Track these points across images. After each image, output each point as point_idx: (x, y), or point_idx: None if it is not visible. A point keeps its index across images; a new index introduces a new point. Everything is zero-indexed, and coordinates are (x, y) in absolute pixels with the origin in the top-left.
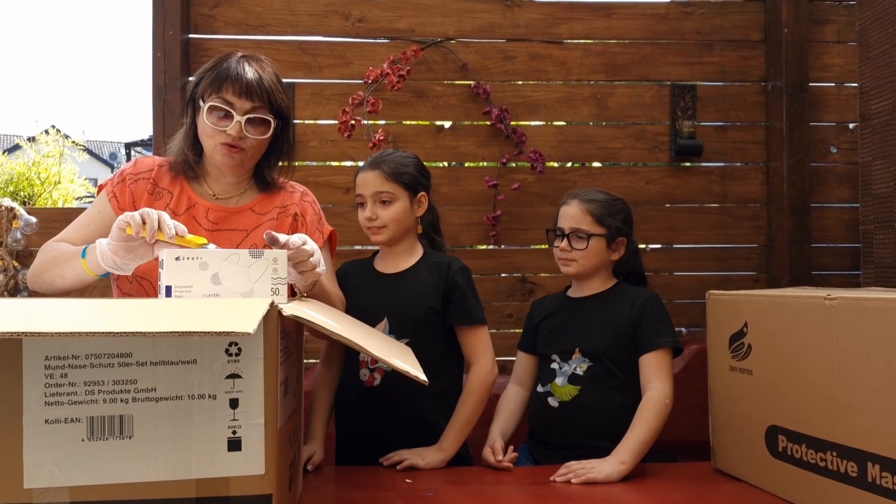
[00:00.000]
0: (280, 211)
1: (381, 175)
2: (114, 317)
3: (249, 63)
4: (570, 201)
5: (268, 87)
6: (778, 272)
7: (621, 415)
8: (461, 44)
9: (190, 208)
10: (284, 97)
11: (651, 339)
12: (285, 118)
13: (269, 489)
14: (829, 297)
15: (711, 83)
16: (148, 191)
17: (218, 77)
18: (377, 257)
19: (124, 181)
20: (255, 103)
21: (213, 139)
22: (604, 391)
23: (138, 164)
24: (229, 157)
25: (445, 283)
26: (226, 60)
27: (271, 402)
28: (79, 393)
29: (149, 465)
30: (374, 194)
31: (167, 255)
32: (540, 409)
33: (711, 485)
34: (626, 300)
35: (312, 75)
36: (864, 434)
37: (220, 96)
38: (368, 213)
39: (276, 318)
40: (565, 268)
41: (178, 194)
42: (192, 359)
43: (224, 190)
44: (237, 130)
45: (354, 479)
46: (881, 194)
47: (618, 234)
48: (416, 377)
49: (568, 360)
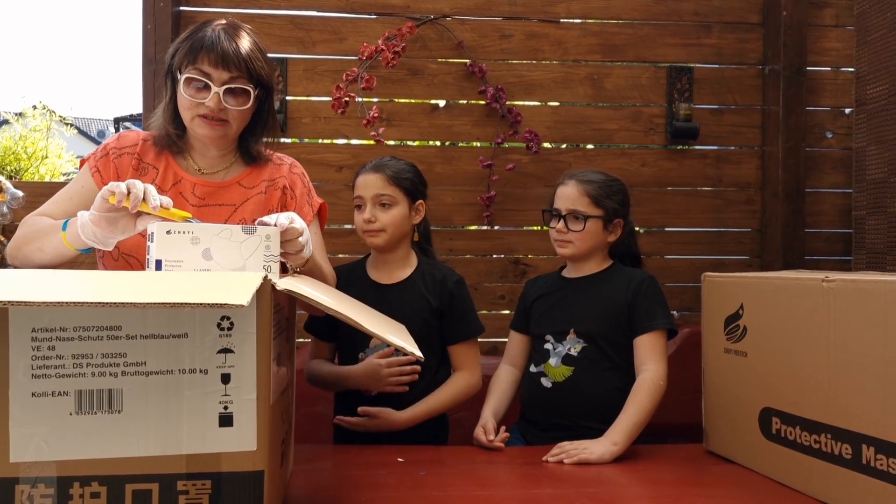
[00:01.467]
0: (268, 184)
1: (383, 178)
2: (103, 288)
3: (227, 31)
4: (568, 182)
5: (246, 56)
6: (771, 256)
7: (614, 396)
8: (457, 21)
9: (176, 184)
10: (265, 66)
11: (646, 321)
12: (267, 87)
13: (261, 465)
14: (826, 279)
15: (708, 65)
16: (133, 166)
17: (193, 47)
18: (370, 265)
19: (108, 155)
20: (234, 73)
21: (192, 112)
22: (597, 372)
23: (122, 138)
24: (210, 129)
25: (441, 299)
26: (202, 30)
27: (264, 377)
28: (66, 366)
29: (138, 439)
30: (374, 196)
31: (158, 228)
32: (532, 389)
33: (703, 466)
34: (621, 281)
35: (306, 51)
36: (860, 416)
37: (197, 67)
38: (367, 216)
39: (269, 292)
40: (561, 249)
41: (164, 169)
42: (183, 332)
43: (209, 164)
44: (216, 102)
45: (347, 458)
46: (875, 180)
47: (615, 215)
48: (412, 353)
49: (562, 340)
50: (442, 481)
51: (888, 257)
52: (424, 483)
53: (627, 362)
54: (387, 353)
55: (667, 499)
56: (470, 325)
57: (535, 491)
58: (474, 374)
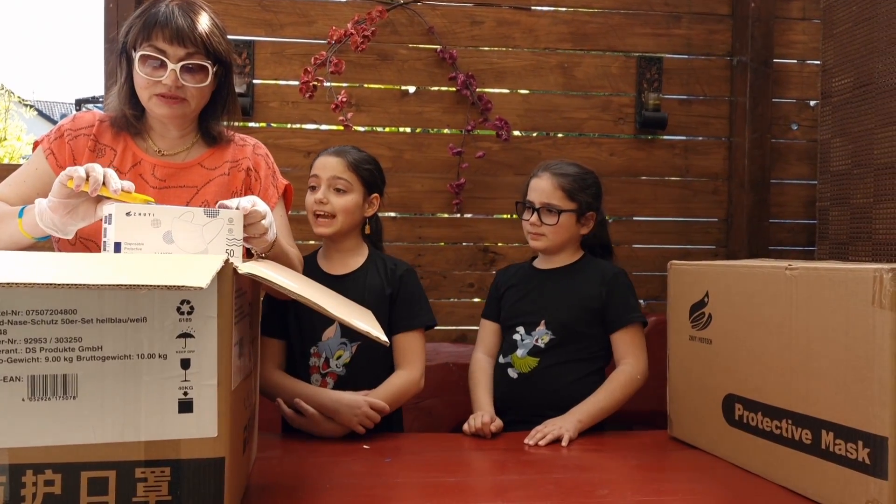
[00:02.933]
0: (231, 165)
1: (343, 162)
2: (58, 269)
3: (181, 7)
4: (541, 174)
5: (202, 32)
6: (736, 246)
7: (579, 387)
8: (427, 6)
9: (135, 165)
10: (223, 42)
11: (623, 316)
12: (226, 64)
13: (222, 452)
14: (789, 267)
15: (678, 56)
16: (89, 147)
17: (147, 24)
18: (321, 255)
19: (62, 137)
20: (190, 49)
21: (149, 91)
22: (563, 364)
23: (77, 119)
24: (168, 107)
25: (392, 285)
26: (155, 6)
27: (225, 362)
28: (19, 350)
29: (94, 426)
30: (331, 178)
31: (117, 209)
32: (499, 379)
33: (667, 452)
34: (594, 274)
35: (273, 34)
36: (819, 402)
37: (152, 44)
38: (321, 196)
39: (230, 275)
40: (534, 242)
41: (122, 151)
42: (141, 316)
43: (169, 146)
44: (172, 80)
45: (311, 446)
46: (838, 172)
47: (588, 209)
48: (377, 338)
49: (531, 331)
50: (408, 468)
51: (850, 248)
52: (390, 470)
53: (593, 354)
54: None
55: (630, 484)
56: (416, 316)
57: (501, 477)
58: (414, 371)
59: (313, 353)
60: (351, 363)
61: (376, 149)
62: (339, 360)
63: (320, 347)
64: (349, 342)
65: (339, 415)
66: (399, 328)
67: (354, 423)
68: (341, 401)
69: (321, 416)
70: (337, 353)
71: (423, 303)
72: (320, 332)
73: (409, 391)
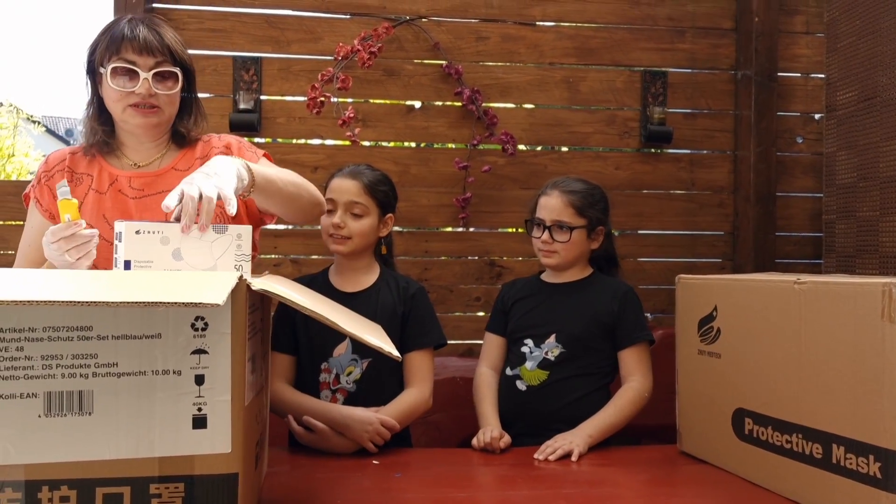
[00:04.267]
0: (202, 161)
1: (359, 186)
2: (74, 286)
3: (143, 22)
4: (550, 192)
5: (168, 41)
6: (743, 259)
7: (588, 402)
8: (433, 22)
9: (113, 183)
10: (184, 49)
11: (632, 334)
12: (189, 71)
13: (235, 468)
14: (798, 281)
15: (682, 70)
16: (67, 179)
17: (113, 39)
18: (333, 272)
19: (40, 182)
20: (158, 58)
21: (122, 102)
22: (572, 378)
23: (49, 160)
24: (143, 117)
25: (404, 304)
26: (116, 25)
27: (238, 378)
28: (35, 367)
29: (109, 442)
30: (347, 203)
31: (126, 228)
32: (507, 391)
33: (677, 467)
34: (605, 291)
35: (280, 50)
36: (830, 416)
37: (121, 57)
38: (337, 220)
39: (244, 292)
40: (546, 259)
41: (98, 174)
42: (156, 333)
43: (144, 157)
44: (146, 88)
45: (322, 461)
46: (844, 184)
47: (598, 223)
48: (389, 353)
49: (541, 344)
50: (418, 483)
51: (857, 261)
52: (400, 485)
53: (601, 368)
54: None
55: (641, 499)
56: (427, 335)
57: (511, 492)
58: (424, 390)
59: (324, 368)
60: (361, 380)
61: (383, 163)
62: (350, 376)
63: (331, 363)
64: (360, 358)
65: (349, 430)
66: (410, 346)
67: (365, 440)
68: (353, 416)
69: (331, 432)
70: (348, 369)
71: (433, 322)
72: (331, 349)
73: (419, 409)
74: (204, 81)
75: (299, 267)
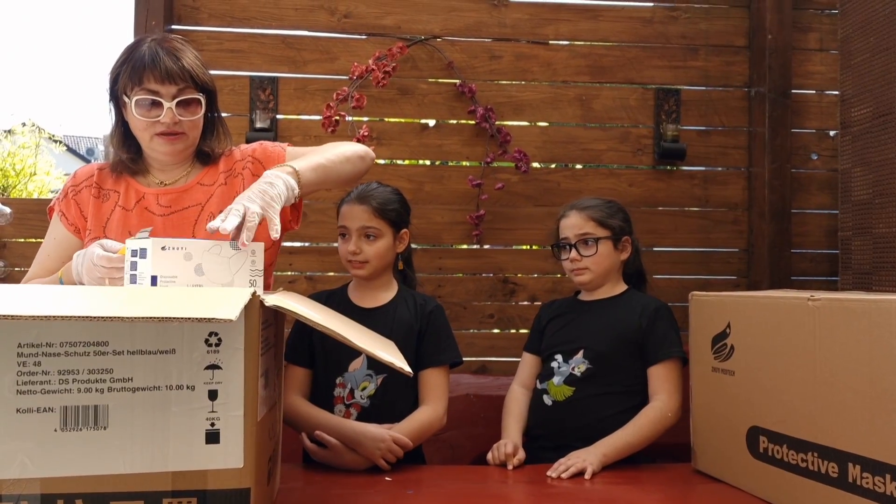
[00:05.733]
0: (227, 175)
1: (368, 210)
2: (91, 302)
3: (163, 46)
4: (569, 213)
5: (188, 67)
6: (758, 277)
7: (613, 420)
8: (447, 42)
9: (140, 200)
10: (206, 72)
11: (661, 350)
12: (211, 92)
13: (248, 483)
14: (812, 298)
15: (695, 87)
16: (93, 195)
17: (136, 68)
18: (352, 288)
19: (66, 196)
20: (180, 85)
21: (148, 132)
22: (598, 395)
23: (77, 175)
24: (170, 144)
25: (421, 321)
26: (137, 49)
27: (251, 393)
28: (52, 382)
29: (124, 456)
30: (360, 228)
31: (153, 244)
32: (535, 405)
33: (691, 486)
34: (636, 306)
35: (297, 70)
36: (846, 435)
37: (144, 87)
38: (353, 248)
39: (257, 307)
40: (579, 277)
41: (125, 191)
42: (170, 348)
43: (170, 176)
44: (170, 117)
45: (334, 478)
46: (860, 201)
47: (622, 233)
48: (401, 369)
49: (569, 359)
50: (430, 500)
51: (874, 277)
52: (413, 502)
53: (629, 387)
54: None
55: None
56: (443, 352)
57: None
58: (438, 408)
59: (339, 383)
60: (375, 395)
61: (397, 181)
62: (364, 391)
63: (346, 378)
64: (375, 374)
65: (362, 447)
66: (425, 364)
67: (377, 457)
68: (365, 433)
69: (344, 448)
70: (362, 384)
71: (450, 340)
72: (347, 364)
73: (433, 427)
74: (221, 101)
75: (314, 283)
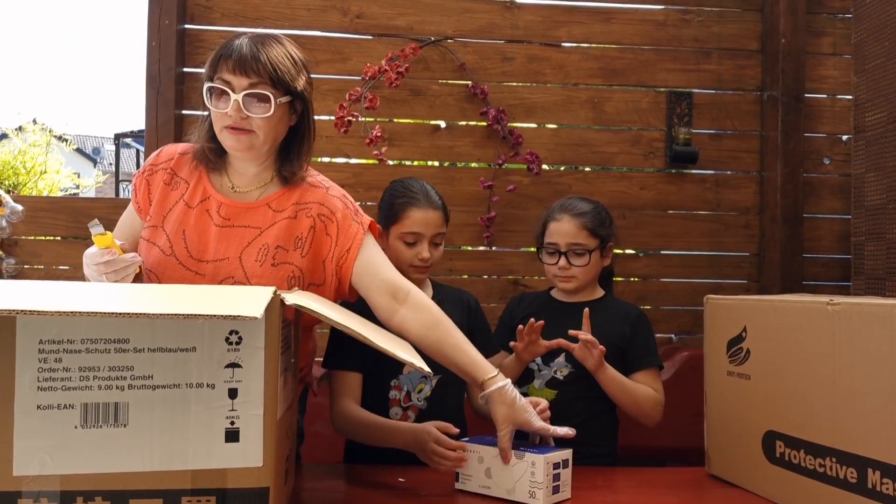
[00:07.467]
0: (299, 208)
1: (441, 216)
2: (113, 299)
3: (253, 39)
4: (560, 217)
5: (269, 61)
6: (769, 281)
7: (595, 423)
8: (459, 43)
9: (203, 201)
10: (294, 73)
11: (643, 359)
12: (301, 97)
13: (267, 482)
14: (831, 302)
15: (708, 91)
16: (165, 181)
17: (216, 57)
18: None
19: (143, 173)
20: (253, 79)
21: (219, 123)
22: (580, 399)
23: (161, 153)
24: (235, 139)
25: (466, 316)
26: (232, 40)
27: (271, 392)
28: (73, 378)
29: (143, 454)
30: (434, 235)
31: None
32: None
33: (706, 490)
34: (618, 313)
35: None
36: (865, 440)
37: (219, 76)
38: (426, 255)
39: (278, 306)
40: (564, 284)
41: (195, 185)
42: (191, 346)
43: (245, 183)
44: (236, 109)
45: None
46: (873, 206)
47: (608, 241)
48: (421, 369)
49: (550, 362)
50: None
51: (887, 283)
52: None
53: None
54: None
55: None
56: (491, 346)
57: None
58: None
59: (394, 385)
60: (432, 396)
61: None
62: (421, 393)
63: (401, 381)
64: (430, 375)
65: (415, 449)
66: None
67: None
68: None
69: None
70: (418, 386)
71: (489, 333)
72: (401, 365)
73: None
74: None
75: None
